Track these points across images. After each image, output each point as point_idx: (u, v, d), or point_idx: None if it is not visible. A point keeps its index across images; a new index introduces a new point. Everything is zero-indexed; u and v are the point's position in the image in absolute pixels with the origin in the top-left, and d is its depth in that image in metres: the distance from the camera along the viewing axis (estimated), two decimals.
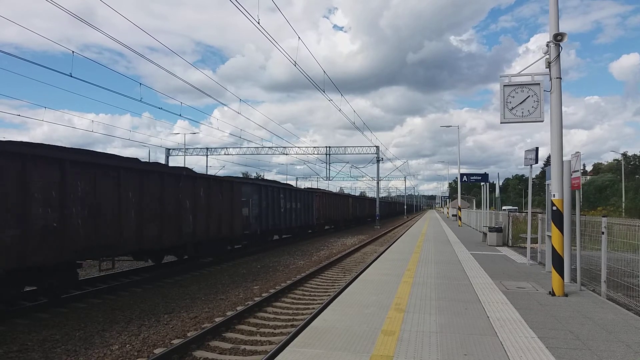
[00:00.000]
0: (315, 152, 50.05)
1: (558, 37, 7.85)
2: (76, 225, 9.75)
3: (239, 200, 18.08)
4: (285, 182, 36.35)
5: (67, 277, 10.05)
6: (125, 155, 12.55)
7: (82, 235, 9.89)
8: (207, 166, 50.94)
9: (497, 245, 17.50)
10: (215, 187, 16.16)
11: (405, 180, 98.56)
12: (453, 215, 50.73)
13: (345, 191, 74.61)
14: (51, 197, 9.15)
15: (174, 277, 13.36)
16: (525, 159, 11.27)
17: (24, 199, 8.55)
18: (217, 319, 8.57)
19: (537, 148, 10.79)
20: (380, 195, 54.40)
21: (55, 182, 9.26)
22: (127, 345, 7.17)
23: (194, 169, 16.58)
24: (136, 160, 12.26)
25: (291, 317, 9.12)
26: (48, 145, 9.62)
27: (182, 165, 23.42)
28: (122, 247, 11.30)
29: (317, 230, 34.23)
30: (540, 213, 13.92)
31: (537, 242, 12.72)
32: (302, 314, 9.32)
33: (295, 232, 28.17)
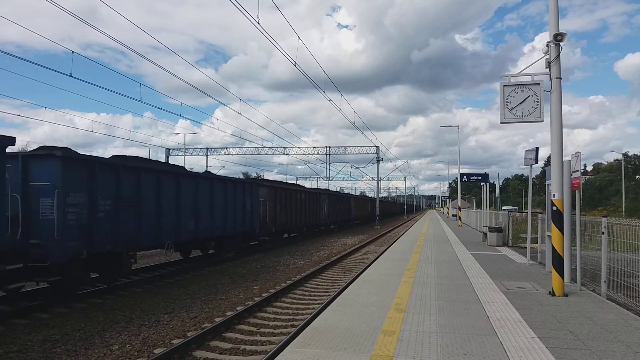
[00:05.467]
0: (316, 152, 50.13)
1: (558, 37, 7.84)
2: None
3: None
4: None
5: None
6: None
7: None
8: (207, 166, 50.95)
9: (497, 245, 17.49)
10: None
11: (405, 180, 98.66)
12: (453, 215, 50.72)
13: (346, 191, 74.43)
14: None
15: (174, 277, 13.37)
16: (525, 159, 11.28)
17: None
18: (217, 319, 8.57)
19: (537, 148, 10.82)
20: (381, 195, 54.43)
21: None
22: (127, 345, 7.17)
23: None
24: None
25: (291, 317, 9.12)
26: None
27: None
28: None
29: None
30: (540, 213, 13.92)
31: (537, 242, 12.71)
32: (302, 314, 9.32)
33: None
